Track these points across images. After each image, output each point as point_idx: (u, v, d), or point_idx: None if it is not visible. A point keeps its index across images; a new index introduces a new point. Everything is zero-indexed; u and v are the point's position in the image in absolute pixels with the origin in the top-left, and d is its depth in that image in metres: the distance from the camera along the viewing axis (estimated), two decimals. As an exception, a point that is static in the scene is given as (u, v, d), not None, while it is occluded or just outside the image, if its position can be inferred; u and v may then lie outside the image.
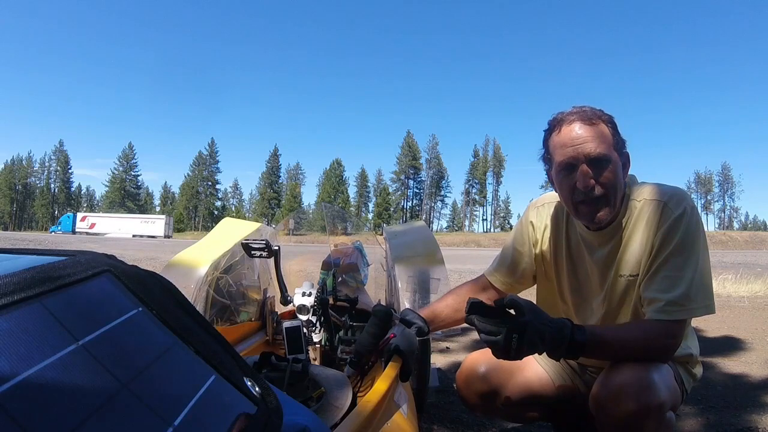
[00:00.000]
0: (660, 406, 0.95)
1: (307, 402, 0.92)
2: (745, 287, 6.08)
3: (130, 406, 0.35)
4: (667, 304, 0.99)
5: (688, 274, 1.00)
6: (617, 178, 1.06)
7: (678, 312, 0.99)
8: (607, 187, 1.05)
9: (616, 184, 1.06)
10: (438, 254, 1.77)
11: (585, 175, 1.04)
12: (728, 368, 2.66)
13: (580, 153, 1.04)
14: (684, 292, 0.99)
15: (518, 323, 0.91)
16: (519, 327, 0.90)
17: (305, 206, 58.57)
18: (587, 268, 1.17)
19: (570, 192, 1.08)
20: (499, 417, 1.36)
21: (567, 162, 1.06)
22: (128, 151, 67.53)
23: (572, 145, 1.05)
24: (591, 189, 1.04)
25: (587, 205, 1.06)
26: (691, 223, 1.03)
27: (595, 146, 1.04)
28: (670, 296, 0.99)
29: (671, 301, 0.99)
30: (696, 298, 0.99)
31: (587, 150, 1.04)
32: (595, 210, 1.06)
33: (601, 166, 1.04)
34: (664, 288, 1.01)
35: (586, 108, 1.09)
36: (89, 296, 0.39)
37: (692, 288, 0.99)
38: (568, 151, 1.06)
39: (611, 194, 1.05)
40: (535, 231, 1.27)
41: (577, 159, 1.05)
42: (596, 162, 1.04)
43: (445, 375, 2.41)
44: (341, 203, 59.91)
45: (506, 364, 1.25)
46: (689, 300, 0.99)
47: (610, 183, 1.05)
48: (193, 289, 1.49)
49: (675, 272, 1.01)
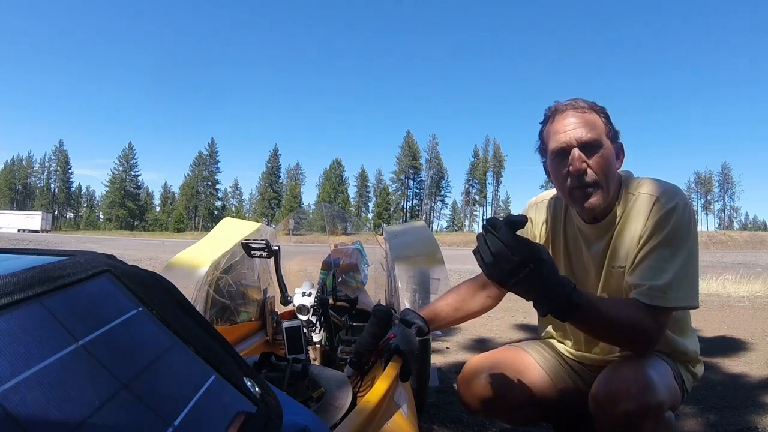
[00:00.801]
0: (659, 406, 0.95)
1: (307, 402, 0.92)
2: (745, 287, 6.08)
3: (130, 406, 0.35)
4: (650, 289, 0.99)
5: (674, 267, 1.00)
6: (609, 164, 1.07)
7: (659, 299, 0.98)
8: (599, 172, 1.05)
9: (608, 170, 1.06)
10: (438, 254, 1.77)
11: (577, 159, 1.05)
12: (728, 368, 2.66)
13: (572, 138, 1.06)
14: (668, 282, 0.99)
15: (538, 258, 0.82)
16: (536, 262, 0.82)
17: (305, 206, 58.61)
18: (584, 261, 1.18)
19: (564, 178, 1.09)
20: (500, 419, 1.35)
21: (560, 148, 1.08)
22: (128, 151, 67.53)
23: (564, 131, 1.07)
24: (583, 173, 1.05)
25: (580, 190, 1.07)
26: (682, 218, 1.03)
27: (587, 131, 1.06)
28: (654, 283, 0.99)
29: (654, 287, 0.99)
30: (679, 290, 0.99)
31: (579, 134, 1.06)
32: (588, 195, 1.07)
33: (593, 150, 1.06)
34: (648, 276, 1.01)
35: (580, 100, 1.11)
36: (89, 296, 0.39)
37: (676, 279, 0.99)
38: (561, 137, 1.07)
39: (603, 180, 1.06)
40: (533, 226, 1.28)
41: (569, 144, 1.06)
42: (588, 147, 1.05)
43: (445, 375, 2.41)
44: (341, 203, 59.90)
45: (507, 366, 1.25)
46: (672, 290, 0.98)
47: (601, 168, 1.05)
48: (193, 289, 1.48)
49: (661, 263, 1.01)
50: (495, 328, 3.67)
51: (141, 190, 70.81)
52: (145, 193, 72.67)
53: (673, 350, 1.13)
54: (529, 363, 1.28)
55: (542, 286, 0.87)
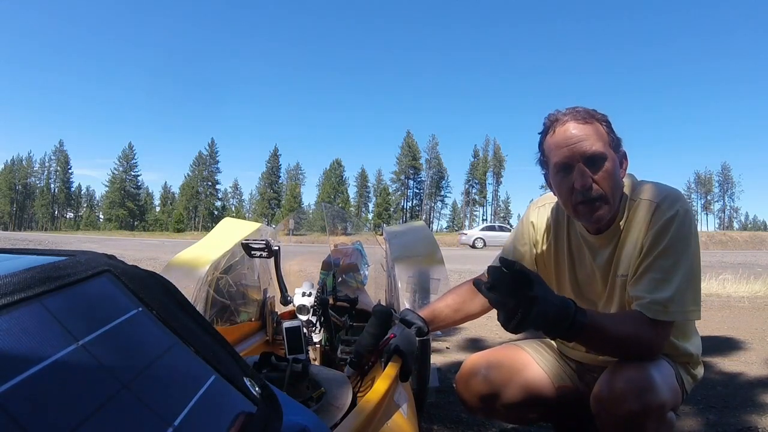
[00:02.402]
0: (661, 407, 0.95)
1: (307, 402, 0.92)
2: (745, 287, 6.07)
3: (130, 406, 0.35)
4: (652, 302, 0.99)
5: (675, 278, 0.99)
6: (614, 176, 1.05)
7: (660, 313, 0.98)
8: (605, 186, 1.04)
9: (613, 182, 1.05)
10: (438, 254, 1.77)
11: (582, 175, 1.03)
12: (728, 368, 2.66)
13: (576, 152, 1.03)
14: (670, 295, 0.98)
15: (527, 298, 0.85)
16: (526, 302, 0.85)
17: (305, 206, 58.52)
18: (589, 270, 1.17)
19: (568, 193, 1.07)
20: (499, 418, 1.35)
21: (563, 162, 1.06)
22: (128, 151, 67.50)
23: (567, 144, 1.04)
24: (589, 188, 1.03)
25: (586, 205, 1.05)
26: (683, 225, 1.02)
27: (591, 144, 1.03)
28: (655, 296, 0.99)
29: (655, 301, 0.98)
30: (681, 303, 0.99)
31: (583, 149, 1.03)
32: (594, 209, 1.05)
33: (598, 164, 1.04)
34: (650, 289, 1.00)
35: (579, 108, 1.08)
36: (89, 296, 0.39)
37: (678, 292, 0.98)
38: (564, 152, 1.05)
39: (609, 193, 1.05)
40: (535, 231, 1.27)
41: (573, 159, 1.04)
42: (592, 160, 1.03)
43: (445, 375, 2.41)
44: (341, 203, 59.92)
45: (506, 365, 1.26)
46: (673, 303, 0.98)
47: (607, 181, 1.04)
48: (193, 289, 1.48)
49: (663, 275, 1.00)
50: (495, 327, 3.67)
51: (141, 191, 70.79)
52: (145, 193, 72.66)
53: (675, 352, 1.12)
54: (527, 361, 1.28)
55: (545, 320, 0.88)
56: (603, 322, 0.97)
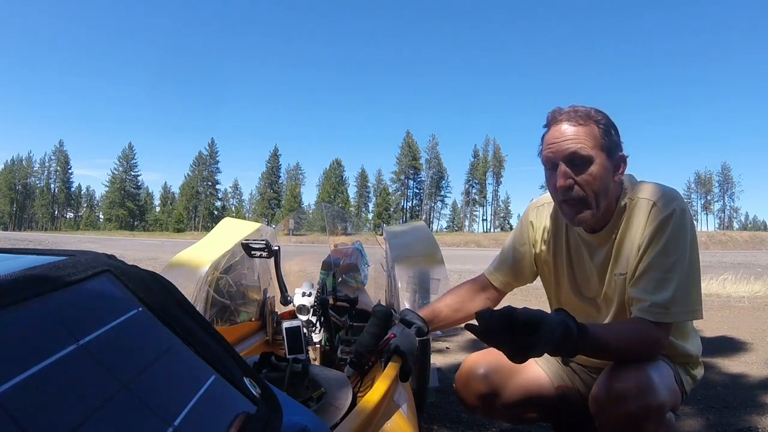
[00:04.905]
0: (660, 407, 0.95)
1: (307, 402, 0.92)
2: (745, 287, 6.07)
3: (130, 406, 0.35)
4: (652, 305, 0.98)
5: (674, 278, 0.99)
6: (599, 180, 1.03)
7: (662, 315, 0.98)
8: (587, 189, 1.03)
9: (597, 186, 1.03)
10: (438, 254, 1.77)
11: (563, 175, 1.03)
12: (728, 368, 2.66)
13: (558, 152, 1.04)
14: (670, 296, 0.98)
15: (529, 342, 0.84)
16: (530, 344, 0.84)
17: (305, 206, 58.50)
18: (586, 269, 1.17)
19: (553, 191, 1.08)
20: (498, 418, 1.35)
21: (548, 160, 1.07)
22: (128, 151, 67.54)
23: (554, 143, 1.05)
24: (568, 189, 1.03)
25: (568, 205, 1.06)
26: (680, 224, 1.01)
27: (575, 145, 1.02)
28: (656, 298, 0.98)
29: (656, 303, 0.98)
30: (682, 303, 0.98)
31: (567, 149, 1.03)
32: (576, 211, 1.05)
33: (581, 167, 1.03)
34: (650, 289, 1.00)
35: (580, 108, 1.07)
36: (89, 296, 0.39)
37: (678, 293, 0.98)
38: (551, 148, 1.06)
39: (591, 196, 1.03)
40: (534, 231, 1.27)
41: (556, 158, 1.05)
42: (574, 162, 1.03)
43: (445, 375, 2.41)
44: (341, 203, 59.89)
45: (505, 365, 1.25)
46: (674, 304, 0.98)
47: (589, 185, 1.03)
48: (193, 289, 1.48)
49: (662, 273, 1.00)
50: (495, 328, 3.66)
51: (141, 191, 70.82)
52: (145, 193, 72.68)
53: (673, 353, 1.12)
54: (527, 362, 1.28)
55: (549, 346, 0.87)
56: (604, 336, 0.96)
